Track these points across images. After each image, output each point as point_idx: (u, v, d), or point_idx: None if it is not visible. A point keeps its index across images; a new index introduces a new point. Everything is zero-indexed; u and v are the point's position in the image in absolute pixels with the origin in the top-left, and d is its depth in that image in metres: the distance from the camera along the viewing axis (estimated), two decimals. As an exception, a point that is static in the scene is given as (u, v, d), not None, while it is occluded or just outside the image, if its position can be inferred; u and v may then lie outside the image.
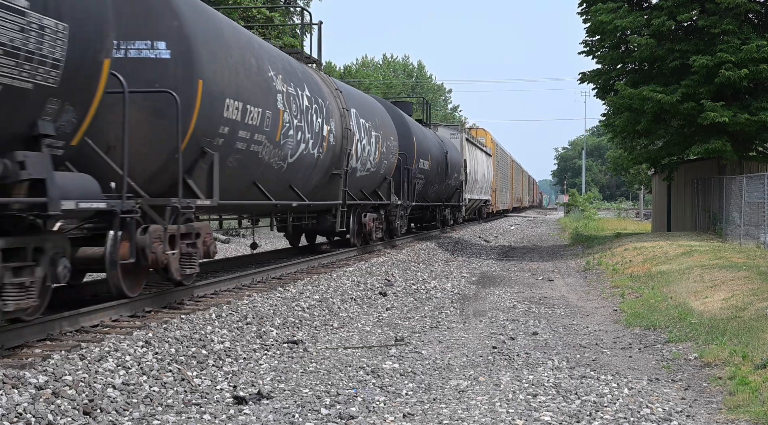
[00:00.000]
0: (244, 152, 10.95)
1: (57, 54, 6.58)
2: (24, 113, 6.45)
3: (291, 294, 11.52)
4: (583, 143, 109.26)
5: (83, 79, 7.04)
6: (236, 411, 6.28)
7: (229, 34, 10.63)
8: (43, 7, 6.35)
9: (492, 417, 6.04)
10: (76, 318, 8.08)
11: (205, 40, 9.57)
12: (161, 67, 9.10)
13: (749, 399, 6.52)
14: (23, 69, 6.22)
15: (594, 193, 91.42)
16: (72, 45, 6.70)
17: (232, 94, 10.19)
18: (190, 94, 9.13)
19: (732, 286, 12.41)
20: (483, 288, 15.43)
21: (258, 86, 11.22)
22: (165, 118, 8.95)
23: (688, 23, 24.42)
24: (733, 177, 22.90)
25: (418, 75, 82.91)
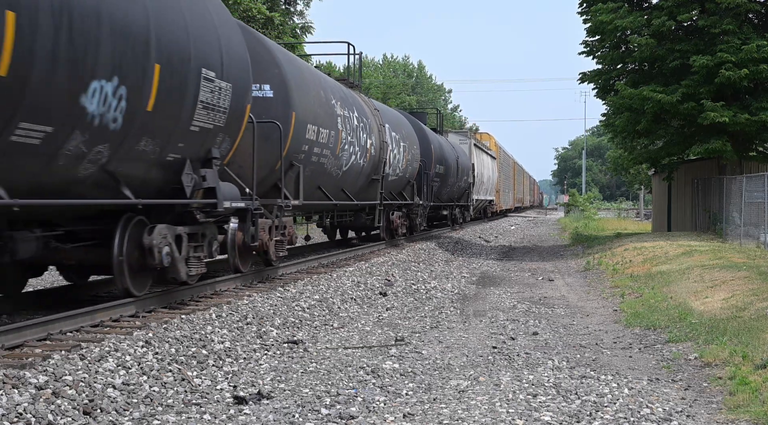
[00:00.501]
0: (316, 163, 14.29)
1: (226, 104, 9.77)
2: (207, 144, 9.68)
3: (291, 294, 11.52)
4: (583, 143, 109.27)
5: (236, 119, 10.23)
6: (236, 411, 6.29)
7: (308, 74, 14.24)
8: (221, 75, 9.58)
9: (492, 417, 6.04)
10: (76, 318, 8.08)
11: (295, 82, 12.94)
12: (267, 104, 12.39)
13: (749, 399, 6.52)
14: (210, 116, 9.41)
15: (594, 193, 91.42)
16: (233, 98, 9.92)
17: (311, 121, 13.61)
18: (286, 123, 12.48)
19: (732, 286, 12.41)
20: (483, 288, 15.43)
21: (326, 113, 14.64)
22: (269, 141, 12.05)
23: (688, 23, 24.43)
24: (733, 177, 22.90)
25: (418, 75, 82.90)
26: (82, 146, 7.26)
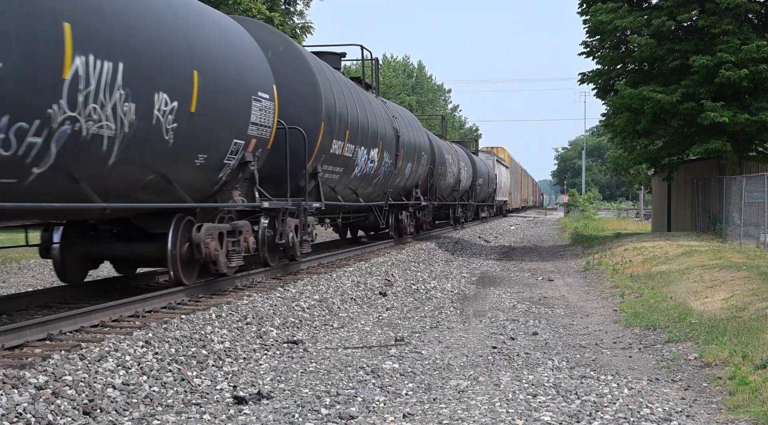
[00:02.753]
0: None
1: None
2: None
3: (291, 294, 11.52)
4: (583, 143, 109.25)
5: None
6: (236, 411, 6.29)
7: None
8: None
9: (492, 417, 6.04)
10: (76, 318, 8.09)
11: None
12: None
13: (749, 399, 6.52)
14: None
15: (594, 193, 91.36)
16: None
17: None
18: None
19: (732, 286, 12.41)
20: (483, 288, 15.43)
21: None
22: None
23: (688, 23, 24.42)
24: (733, 177, 22.90)
25: (418, 75, 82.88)
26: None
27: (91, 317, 8.32)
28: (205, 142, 10.01)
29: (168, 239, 9.84)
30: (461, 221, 35.71)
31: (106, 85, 7.68)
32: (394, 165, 20.30)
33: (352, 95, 16.39)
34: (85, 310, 8.33)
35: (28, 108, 6.77)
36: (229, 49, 10.77)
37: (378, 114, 18.69)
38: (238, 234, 11.38)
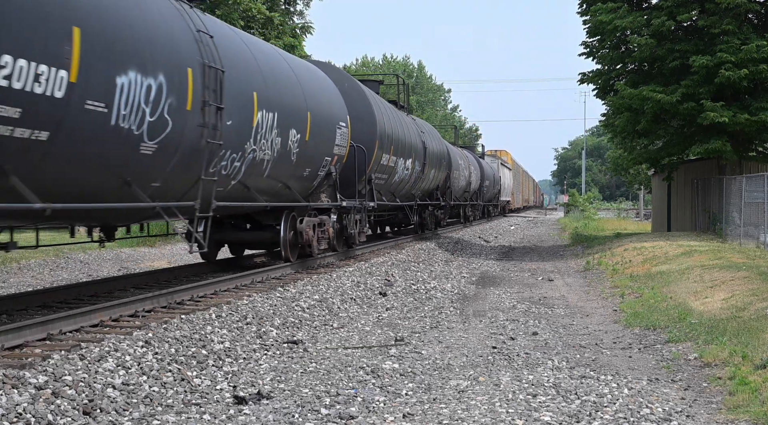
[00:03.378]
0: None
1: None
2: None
3: (291, 294, 11.52)
4: (583, 143, 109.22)
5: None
6: (236, 411, 6.29)
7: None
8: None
9: (492, 417, 6.04)
10: (76, 318, 8.09)
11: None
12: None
13: (749, 399, 6.52)
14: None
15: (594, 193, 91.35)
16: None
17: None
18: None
19: (732, 286, 12.41)
20: (483, 288, 15.43)
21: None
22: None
23: (688, 23, 24.42)
24: (733, 177, 22.90)
25: (418, 75, 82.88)
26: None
27: (91, 317, 8.32)
28: (310, 160, 14.07)
29: (281, 228, 13.72)
30: (470, 220, 40.02)
31: (269, 127, 11.85)
32: (421, 171, 24.18)
33: (393, 116, 20.71)
34: (85, 310, 8.33)
35: (238, 145, 10.90)
36: (324, 93, 15.05)
37: (410, 130, 22.91)
38: (323, 225, 15.21)
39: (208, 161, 10.03)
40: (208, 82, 9.71)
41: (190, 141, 9.45)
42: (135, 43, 8.18)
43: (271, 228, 13.80)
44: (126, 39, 8.05)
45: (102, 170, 8.19)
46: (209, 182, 10.24)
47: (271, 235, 13.81)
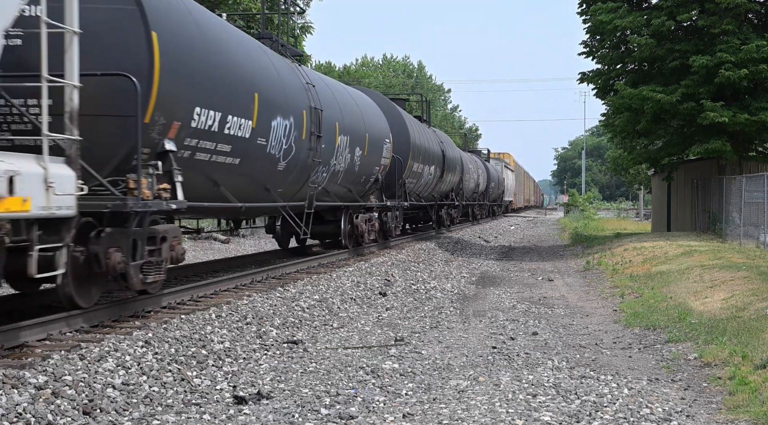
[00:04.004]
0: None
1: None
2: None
3: (291, 294, 11.52)
4: (583, 143, 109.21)
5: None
6: (236, 411, 6.28)
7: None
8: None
9: (492, 417, 6.04)
10: (76, 318, 8.08)
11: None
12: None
13: (749, 399, 6.52)
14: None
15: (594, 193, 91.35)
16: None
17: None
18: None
19: (732, 286, 12.41)
20: (483, 288, 15.43)
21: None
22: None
23: (688, 23, 24.41)
24: (732, 177, 22.89)
25: (418, 75, 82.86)
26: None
27: (91, 317, 8.31)
28: (366, 170, 17.98)
29: (342, 222, 17.40)
30: (478, 218, 43.89)
31: (344, 147, 15.90)
32: (441, 176, 28.07)
33: (420, 130, 24.69)
34: (85, 310, 8.32)
35: (326, 161, 14.83)
36: (375, 117, 19.14)
37: (433, 141, 27.07)
38: (371, 220, 18.99)
39: (311, 173, 14.23)
40: (313, 119, 13.97)
41: (302, 160, 13.63)
42: (281, 99, 12.49)
43: (333, 222, 17.51)
44: (277, 97, 12.29)
45: (259, 181, 12.19)
46: (311, 188, 14.52)
47: (332, 228, 17.57)
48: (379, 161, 19.00)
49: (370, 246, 19.50)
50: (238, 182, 11.35)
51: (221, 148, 10.32)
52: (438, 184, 27.94)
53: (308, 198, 14.40)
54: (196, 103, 9.45)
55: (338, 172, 15.90)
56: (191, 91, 9.36)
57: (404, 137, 21.66)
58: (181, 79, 9.13)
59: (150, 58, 8.39)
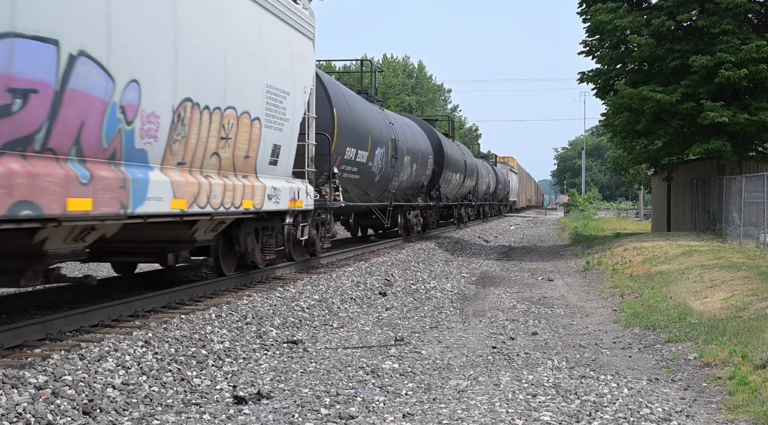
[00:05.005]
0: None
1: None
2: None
3: (291, 294, 11.52)
4: (583, 143, 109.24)
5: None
6: (236, 411, 6.28)
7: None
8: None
9: (492, 417, 6.04)
10: (76, 318, 8.08)
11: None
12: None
13: (749, 399, 6.52)
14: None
15: (594, 193, 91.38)
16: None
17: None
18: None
19: (732, 286, 12.41)
20: (483, 288, 15.43)
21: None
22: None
23: (688, 23, 24.42)
24: (732, 177, 22.90)
25: (418, 75, 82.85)
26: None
27: (91, 317, 8.31)
28: (417, 178, 24.69)
29: (399, 217, 23.33)
30: (488, 216, 49.54)
31: (408, 163, 22.85)
32: (463, 181, 34.30)
33: (450, 145, 31.54)
34: (85, 310, 8.33)
35: (399, 174, 21.99)
36: (423, 139, 26.02)
37: (458, 153, 33.25)
38: (418, 216, 25.41)
39: (391, 182, 21.28)
40: (393, 147, 20.99)
41: (387, 174, 20.58)
42: (379, 135, 19.46)
43: (392, 218, 22.79)
44: (377, 134, 19.28)
45: (365, 189, 19.11)
46: (390, 193, 21.56)
47: (391, 222, 22.80)
48: (426, 171, 26.14)
49: (417, 235, 26.32)
50: (356, 190, 18.34)
51: (352, 169, 17.39)
52: (461, 188, 34.51)
53: (390, 199, 21.82)
54: (347, 144, 16.73)
55: (403, 181, 22.98)
56: (346, 139, 16.56)
57: (440, 152, 28.06)
58: (343, 133, 16.34)
59: (332, 123, 15.56)
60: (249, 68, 10.52)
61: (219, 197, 9.67)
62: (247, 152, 10.62)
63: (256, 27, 10.79)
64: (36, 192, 6.32)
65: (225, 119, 9.82)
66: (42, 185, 6.39)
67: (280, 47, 11.76)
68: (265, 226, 12.56)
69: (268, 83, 11.20)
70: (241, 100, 10.23)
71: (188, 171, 9.06)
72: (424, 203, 26.32)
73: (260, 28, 10.94)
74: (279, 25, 11.74)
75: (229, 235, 11.62)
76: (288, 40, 12.11)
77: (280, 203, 11.81)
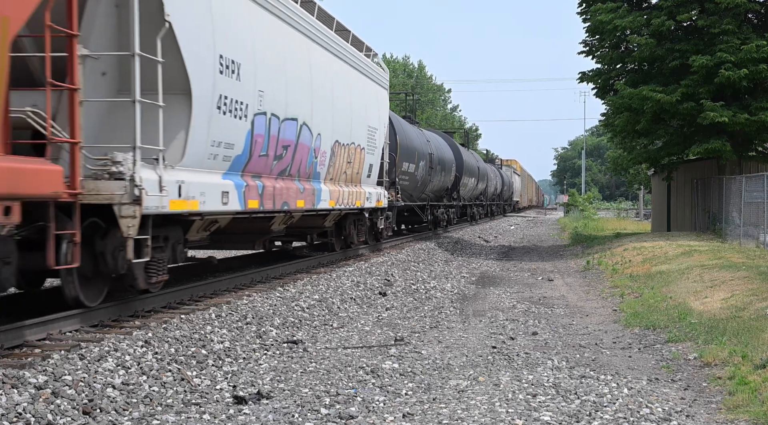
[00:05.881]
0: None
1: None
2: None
3: (291, 294, 11.52)
4: (583, 143, 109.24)
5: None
6: (236, 411, 6.28)
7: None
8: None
9: (492, 417, 6.04)
10: (76, 318, 8.08)
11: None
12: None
13: (749, 399, 6.52)
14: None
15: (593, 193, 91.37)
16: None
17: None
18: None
19: (731, 286, 12.41)
20: (482, 288, 15.43)
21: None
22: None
23: (688, 23, 24.42)
24: (732, 177, 22.89)
25: (418, 75, 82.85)
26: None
27: (91, 317, 8.31)
28: (444, 183, 30.31)
29: (428, 214, 27.69)
30: (494, 214, 54.68)
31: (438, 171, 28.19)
32: (476, 184, 39.37)
33: (467, 154, 36.84)
34: (85, 310, 8.32)
35: (432, 180, 27.59)
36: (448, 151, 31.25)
37: (473, 160, 38.67)
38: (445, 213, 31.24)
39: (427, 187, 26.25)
40: (429, 159, 25.98)
41: (424, 179, 25.77)
42: (421, 151, 25.02)
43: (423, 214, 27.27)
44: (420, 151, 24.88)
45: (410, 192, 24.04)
46: (426, 194, 26.54)
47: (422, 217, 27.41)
48: (450, 177, 31.29)
49: (442, 229, 31.69)
50: (405, 193, 23.18)
51: (405, 178, 22.92)
52: (475, 190, 39.54)
53: (426, 200, 27.38)
54: (403, 160, 22.50)
55: (435, 186, 28.20)
56: (403, 156, 22.29)
57: (460, 160, 33.21)
58: (402, 152, 22.11)
59: (396, 146, 21.36)
60: (360, 116, 16.50)
61: (346, 199, 15.56)
62: (358, 169, 16.70)
63: (362, 89, 16.90)
64: (287, 197, 12.17)
65: (350, 150, 15.84)
66: (288, 194, 12.26)
67: (373, 99, 17.92)
68: (357, 218, 17.98)
69: (369, 124, 17.34)
70: (357, 137, 16.29)
71: (334, 183, 15.06)
72: (448, 203, 32.09)
73: (365, 89, 17.16)
74: (373, 85, 18.00)
75: (339, 224, 17.00)
76: (376, 93, 18.31)
77: (371, 203, 17.84)
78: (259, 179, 11.16)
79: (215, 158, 9.74)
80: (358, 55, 16.47)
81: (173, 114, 8.69)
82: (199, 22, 9.18)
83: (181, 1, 8.69)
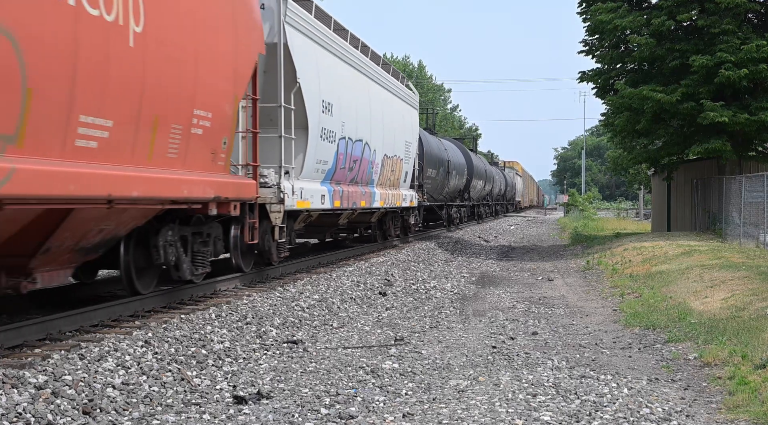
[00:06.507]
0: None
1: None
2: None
3: (291, 294, 11.52)
4: (583, 142, 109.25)
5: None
6: (236, 411, 6.28)
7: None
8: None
9: (492, 417, 6.04)
10: (76, 318, 8.09)
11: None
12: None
13: (749, 398, 6.52)
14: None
15: (594, 193, 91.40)
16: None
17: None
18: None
19: (731, 286, 12.41)
20: (482, 288, 15.43)
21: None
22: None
23: (688, 23, 24.41)
24: (732, 177, 22.89)
25: (418, 75, 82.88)
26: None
27: (91, 317, 8.32)
28: (458, 186, 34.53)
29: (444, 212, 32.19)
30: (498, 214, 57.51)
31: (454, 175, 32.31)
32: (484, 186, 42.95)
33: (476, 159, 40.01)
34: (85, 310, 8.33)
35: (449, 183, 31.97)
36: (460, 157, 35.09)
37: (480, 164, 41.64)
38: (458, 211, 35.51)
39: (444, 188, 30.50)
40: (447, 165, 30.38)
41: (442, 182, 30.07)
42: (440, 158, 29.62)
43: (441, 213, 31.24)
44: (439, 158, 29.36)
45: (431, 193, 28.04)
46: (443, 195, 30.75)
47: (438, 216, 31.24)
48: (462, 180, 34.85)
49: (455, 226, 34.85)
50: (427, 195, 26.05)
51: (428, 182, 26.43)
52: (482, 191, 43.16)
53: (444, 200, 31.13)
54: (428, 167, 26.26)
55: (450, 188, 31.93)
56: (427, 164, 26.13)
57: (470, 165, 36.76)
58: (427, 160, 26.16)
59: (422, 155, 25.56)
60: (399, 133, 20.97)
61: (390, 200, 19.59)
62: (398, 176, 20.99)
63: (401, 111, 21.50)
64: (355, 198, 16.19)
65: (393, 161, 20.19)
66: (356, 196, 16.28)
67: (408, 118, 22.45)
68: (394, 215, 22.08)
69: (405, 139, 21.82)
70: (397, 150, 20.79)
71: (383, 187, 19.22)
72: (461, 203, 35.81)
73: (402, 111, 21.70)
74: (408, 107, 22.68)
75: (380, 220, 20.99)
76: (410, 113, 22.96)
77: (406, 203, 21.91)
78: (339, 185, 15.48)
79: (318, 171, 14.22)
80: (396, 84, 21.22)
81: (298, 143, 12.92)
82: (313, 79, 13.48)
83: (305, 67, 12.87)
